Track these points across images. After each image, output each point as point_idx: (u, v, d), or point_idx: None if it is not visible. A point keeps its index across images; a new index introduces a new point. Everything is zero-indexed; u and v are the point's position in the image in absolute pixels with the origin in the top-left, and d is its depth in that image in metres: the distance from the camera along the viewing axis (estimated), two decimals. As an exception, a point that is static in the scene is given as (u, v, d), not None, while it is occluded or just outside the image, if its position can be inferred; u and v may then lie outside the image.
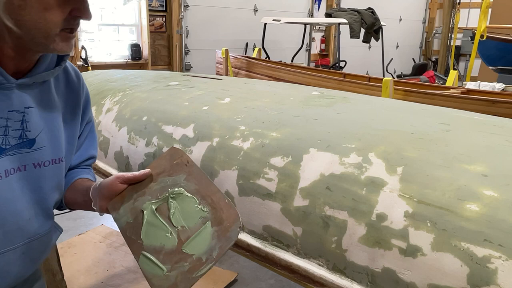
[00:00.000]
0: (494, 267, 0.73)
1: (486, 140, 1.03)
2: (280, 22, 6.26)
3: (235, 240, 0.87)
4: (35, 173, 0.93)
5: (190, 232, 0.89)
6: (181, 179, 0.95)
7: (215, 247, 0.86)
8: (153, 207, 0.93)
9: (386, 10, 9.27)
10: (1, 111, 0.86)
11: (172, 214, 0.91)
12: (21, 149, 0.90)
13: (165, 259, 0.87)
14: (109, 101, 1.75)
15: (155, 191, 0.95)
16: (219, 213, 0.89)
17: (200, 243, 0.87)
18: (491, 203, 0.79)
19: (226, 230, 0.87)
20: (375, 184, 0.92)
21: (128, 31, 6.28)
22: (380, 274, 0.87)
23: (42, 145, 0.94)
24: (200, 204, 0.91)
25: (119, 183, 0.95)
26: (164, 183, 0.96)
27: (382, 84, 3.67)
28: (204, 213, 0.90)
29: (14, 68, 0.87)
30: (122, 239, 3.10)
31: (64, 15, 0.81)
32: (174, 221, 0.91)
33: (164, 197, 0.94)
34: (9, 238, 0.90)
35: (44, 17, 0.80)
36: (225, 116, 1.33)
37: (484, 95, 3.91)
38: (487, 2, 5.96)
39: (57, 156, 0.97)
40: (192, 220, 0.90)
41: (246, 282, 2.52)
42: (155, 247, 0.89)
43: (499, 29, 7.42)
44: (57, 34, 0.82)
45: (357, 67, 8.59)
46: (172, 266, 0.86)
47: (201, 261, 0.86)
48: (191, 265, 0.86)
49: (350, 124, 1.16)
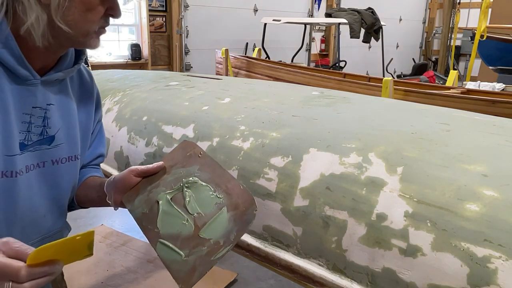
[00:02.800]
0: (494, 267, 0.73)
1: (486, 140, 1.03)
2: (280, 22, 6.26)
3: (251, 222, 0.88)
4: (52, 169, 0.95)
5: (206, 218, 0.89)
6: (194, 169, 0.95)
7: (232, 231, 0.87)
8: (168, 197, 0.93)
9: (386, 10, 9.26)
10: (26, 107, 0.88)
11: (187, 202, 0.91)
12: (41, 146, 0.92)
13: (182, 245, 0.87)
14: (109, 101, 1.75)
15: (169, 182, 0.95)
16: (235, 198, 0.90)
17: (217, 227, 0.88)
18: (491, 203, 0.79)
19: (242, 214, 0.88)
20: (375, 184, 0.92)
21: (128, 31, 6.28)
22: (380, 274, 0.87)
23: (60, 142, 0.96)
24: (215, 192, 0.92)
25: (133, 176, 0.96)
26: (178, 174, 0.96)
27: (382, 84, 3.67)
28: (219, 199, 0.91)
29: (40, 65, 0.89)
30: (122, 239, 3.12)
31: (101, 14, 0.86)
32: (190, 209, 0.91)
33: (179, 187, 0.94)
34: (26, 233, 0.92)
35: (86, 17, 0.84)
36: (225, 116, 1.33)
37: (484, 95, 3.91)
38: (487, 2, 5.96)
39: (73, 153, 0.99)
40: (208, 207, 0.90)
41: (246, 282, 2.52)
42: (172, 234, 0.89)
43: (499, 29, 7.41)
44: (95, 31, 0.87)
45: (357, 67, 8.59)
46: (190, 251, 0.86)
47: (219, 244, 0.86)
48: (209, 249, 0.86)
49: (350, 124, 1.16)
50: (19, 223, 0.90)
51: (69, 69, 0.95)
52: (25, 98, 0.87)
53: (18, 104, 0.86)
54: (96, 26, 0.86)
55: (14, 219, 0.89)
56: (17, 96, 0.86)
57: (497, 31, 7.40)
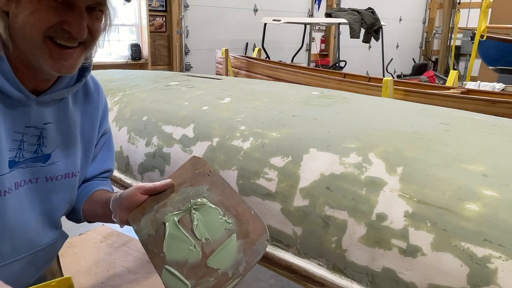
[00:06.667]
0: (494, 267, 0.73)
1: (486, 140, 1.03)
2: (280, 22, 6.26)
3: (262, 253, 0.82)
4: (46, 186, 0.93)
5: (214, 245, 0.84)
6: (204, 189, 0.91)
7: (241, 261, 0.82)
8: (175, 219, 0.89)
9: (386, 10, 9.27)
10: (18, 126, 0.86)
11: (195, 226, 0.87)
12: (35, 163, 0.90)
13: (189, 274, 0.83)
14: (109, 101, 1.75)
15: (177, 202, 0.91)
16: (245, 225, 0.85)
17: (225, 256, 0.83)
18: (491, 203, 0.79)
19: (252, 243, 0.83)
20: (375, 184, 0.92)
21: (128, 31, 6.27)
22: (380, 274, 0.86)
23: (57, 160, 0.93)
24: (225, 216, 0.87)
25: (140, 193, 0.93)
26: (186, 193, 0.92)
27: (382, 84, 3.67)
28: (229, 225, 0.86)
29: (33, 85, 0.87)
30: (122, 239, 3.11)
31: (50, 23, 0.79)
32: (198, 234, 0.86)
33: (187, 208, 0.89)
34: (17, 249, 0.90)
35: (29, 21, 0.78)
36: (225, 116, 1.33)
37: (484, 95, 3.91)
38: (487, 2, 5.96)
39: (70, 170, 0.97)
40: (217, 233, 0.85)
41: (246, 282, 2.51)
42: (178, 260, 0.85)
43: (499, 29, 7.42)
44: (42, 42, 0.80)
45: (357, 67, 8.59)
46: (197, 282, 0.82)
47: (227, 276, 0.81)
48: (217, 281, 0.81)
49: (350, 124, 1.16)
50: (9, 238, 0.87)
51: (69, 88, 0.93)
52: (17, 118, 0.85)
53: (10, 123, 0.84)
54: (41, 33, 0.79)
55: (4, 235, 0.86)
56: (9, 116, 0.84)
57: (497, 31, 7.40)
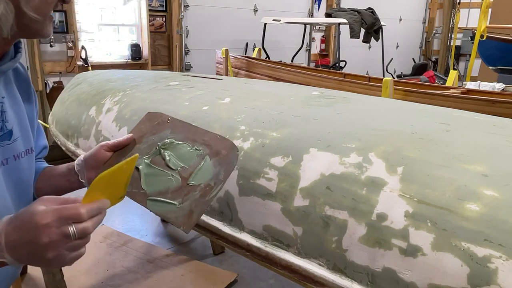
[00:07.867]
0: (495, 267, 0.73)
1: (486, 140, 1.03)
2: (280, 22, 6.26)
3: (236, 162, 0.88)
4: (15, 165, 0.92)
5: (191, 169, 0.89)
6: (166, 133, 0.95)
7: (219, 172, 0.87)
8: (146, 161, 0.92)
9: (386, 10, 9.26)
10: None
11: (168, 160, 0.91)
12: (3, 142, 0.89)
13: (174, 196, 0.87)
14: (109, 101, 1.75)
15: (144, 149, 0.94)
16: (215, 147, 0.90)
17: (204, 174, 0.88)
18: (491, 203, 0.79)
19: (226, 157, 0.89)
20: (375, 184, 0.92)
21: (128, 31, 6.27)
22: (380, 274, 0.86)
23: (17, 136, 0.92)
24: (193, 146, 0.91)
25: (104, 150, 0.94)
26: (150, 141, 0.95)
27: (382, 84, 3.67)
28: (199, 151, 0.91)
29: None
30: (122, 239, 3.11)
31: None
32: (172, 165, 0.90)
33: (155, 151, 0.93)
34: None
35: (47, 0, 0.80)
36: (225, 116, 1.33)
37: (484, 95, 3.91)
38: (487, 2, 5.96)
39: (29, 146, 0.96)
40: (190, 160, 0.90)
41: (246, 282, 2.52)
42: (160, 191, 0.88)
43: (499, 29, 7.42)
44: (49, 16, 0.83)
45: (357, 67, 8.59)
46: (183, 199, 0.86)
47: (210, 186, 0.86)
48: (202, 192, 0.86)
49: (350, 124, 1.16)
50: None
51: (13, 60, 0.90)
52: None
53: None
54: (52, 8, 0.83)
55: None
56: None
57: (497, 31, 7.40)
